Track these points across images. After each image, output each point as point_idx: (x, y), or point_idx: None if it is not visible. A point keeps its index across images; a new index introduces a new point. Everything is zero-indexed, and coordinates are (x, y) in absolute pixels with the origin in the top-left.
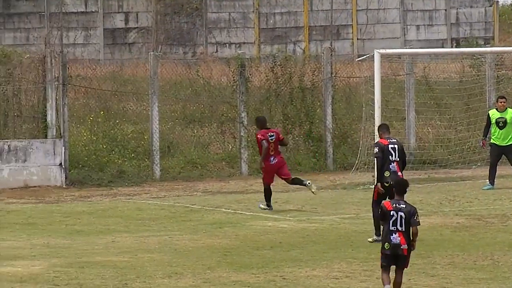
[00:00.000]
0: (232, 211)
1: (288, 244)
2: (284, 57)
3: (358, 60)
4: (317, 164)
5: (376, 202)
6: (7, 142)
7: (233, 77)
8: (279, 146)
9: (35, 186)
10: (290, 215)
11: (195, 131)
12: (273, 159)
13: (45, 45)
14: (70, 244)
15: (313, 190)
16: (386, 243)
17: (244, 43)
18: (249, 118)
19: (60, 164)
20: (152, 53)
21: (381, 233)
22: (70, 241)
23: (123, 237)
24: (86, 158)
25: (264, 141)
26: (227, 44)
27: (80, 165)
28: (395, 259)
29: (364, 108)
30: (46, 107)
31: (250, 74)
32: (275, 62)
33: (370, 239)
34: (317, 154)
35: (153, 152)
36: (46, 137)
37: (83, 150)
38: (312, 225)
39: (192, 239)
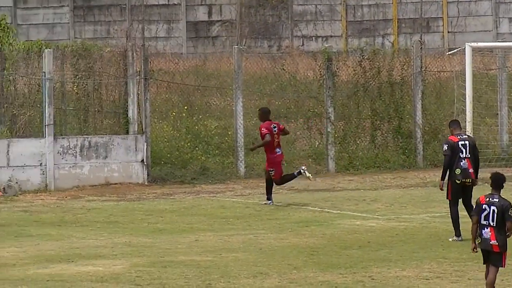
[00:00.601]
0: (319, 209)
1: (376, 243)
2: (372, 50)
3: (448, 54)
4: (407, 161)
5: (452, 202)
6: (87, 138)
7: (320, 72)
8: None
9: (116, 183)
10: (378, 214)
11: None
12: (279, 150)
13: (126, 39)
14: (152, 243)
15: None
16: (478, 237)
17: (331, 36)
18: (336, 114)
19: (142, 160)
20: (236, 46)
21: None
22: (152, 239)
23: (206, 235)
24: (168, 155)
25: (268, 134)
26: (313, 37)
27: (163, 162)
28: (486, 254)
29: (455, 104)
30: (127, 102)
31: (337, 68)
32: (363, 56)
33: (450, 239)
34: (406, 151)
35: (237, 149)
36: (127, 133)
37: (166, 146)
38: (401, 224)
39: (278, 238)
